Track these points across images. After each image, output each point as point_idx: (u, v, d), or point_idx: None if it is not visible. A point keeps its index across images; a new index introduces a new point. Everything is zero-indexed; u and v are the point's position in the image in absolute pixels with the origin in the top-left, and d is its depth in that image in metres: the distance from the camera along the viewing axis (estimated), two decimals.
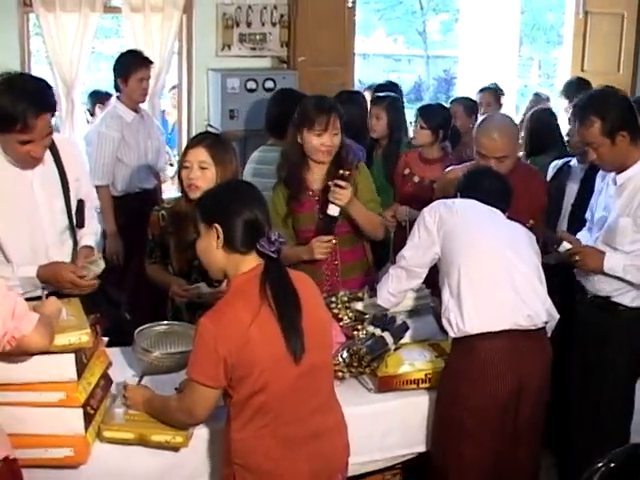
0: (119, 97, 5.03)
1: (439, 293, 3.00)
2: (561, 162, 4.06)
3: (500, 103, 6.19)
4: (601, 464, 2.27)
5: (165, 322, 3.12)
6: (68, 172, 3.14)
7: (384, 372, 2.95)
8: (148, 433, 2.51)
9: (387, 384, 2.95)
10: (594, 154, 3.22)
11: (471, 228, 2.96)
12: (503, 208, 3.09)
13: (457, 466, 2.86)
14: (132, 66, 4.95)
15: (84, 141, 5.04)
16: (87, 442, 2.47)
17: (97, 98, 6.06)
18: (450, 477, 2.88)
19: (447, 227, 2.95)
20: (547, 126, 4.78)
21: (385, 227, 3.79)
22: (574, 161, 3.94)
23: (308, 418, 2.42)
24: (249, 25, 6.16)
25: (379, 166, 4.84)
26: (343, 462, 2.55)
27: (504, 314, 2.81)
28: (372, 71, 15.22)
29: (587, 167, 3.80)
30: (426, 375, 2.98)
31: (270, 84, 5.91)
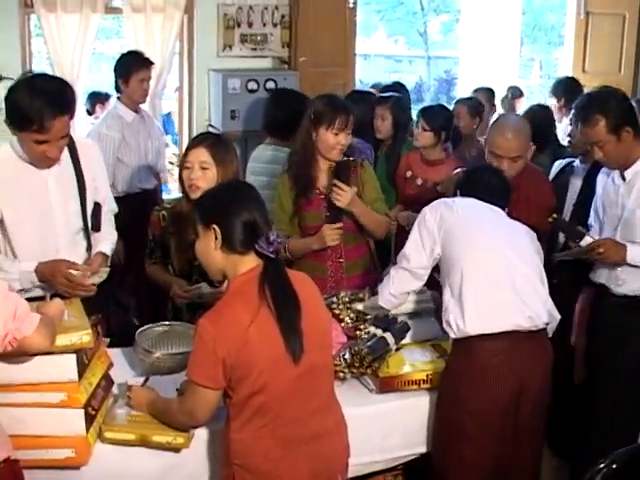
0: (120, 97, 5.03)
1: (438, 288, 2.99)
2: (564, 162, 4.06)
3: (493, 104, 6.18)
4: (603, 465, 2.27)
5: (166, 322, 3.12)
6: (86, 174, 3.12)
7: (385, 373, 2.95)
8: (149, 434, 2.51)
9: (388, 385, 2.94)
10: (600, 153, 3.26)
11: (471, 228, 2.95)
12: (503, 205, 3.09)
13: (457, 468, 2.86)
14: (133, 67, 4.95)
15: None
16: (88, 443, 2.47)
17: (96, 99, 6.07)
18: (450, 479, 2.88)
19: (447, 226, 2.95)
20: (546, 124, 4.75)
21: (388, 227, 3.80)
22: (577, 162, 3.93)
23: (308, 419, 2.41)
24: (250, 25, 6.16)
25: (382, 166, 4.83)
26: (343, 463, 2.55)
27: (505, 315, 2.81)
28: (373, 72, 15.21)
29: (589, 167, 3.79)
30: (427, 376, 2.97)
31: (271, 85, 5.90)
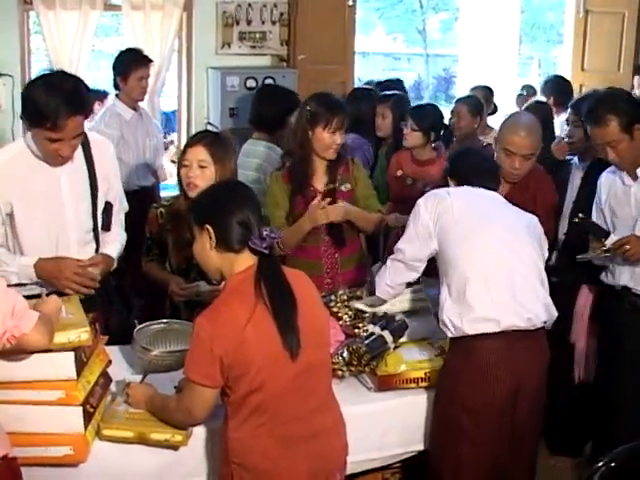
0: (118, 95, 5.03)
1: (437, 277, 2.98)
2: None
3: (491, 102, 6.09)
4: (601, 463, 2.28)
5: (164, 320, 3.11)
6: (98, 172, 3.11)
7: (384, 371, 2.94)
8: (147, 431, 2.51)
9: (387, 383, 2.94)
10: (613, 153, 3.26)
11: (468, 225, 2.89)
12: (494, 187, 3.07)
13: (454, 466, 2.85)
14: (132, 64, 4.95)
15: None
16: (86, 440, 2.47)
17: (94, 96, 6.04)
18: (446, 477, 2.88)
19: (443, 223, 2.90)
20: (544, 121, 4.66)
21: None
22: (575, 159, 3.93)
23: (306, 417, 2.41)
24: (249, 23, 6.16)
25: (383, 164, 4.83)
26: (341, 461, 2.54)
27: (502, 316, 2.78)
28: (372, 69, 15.19)
29: (588, 165, 3.79)
30: (426, 374, 2.97)
31: (270, 82, 5.89)
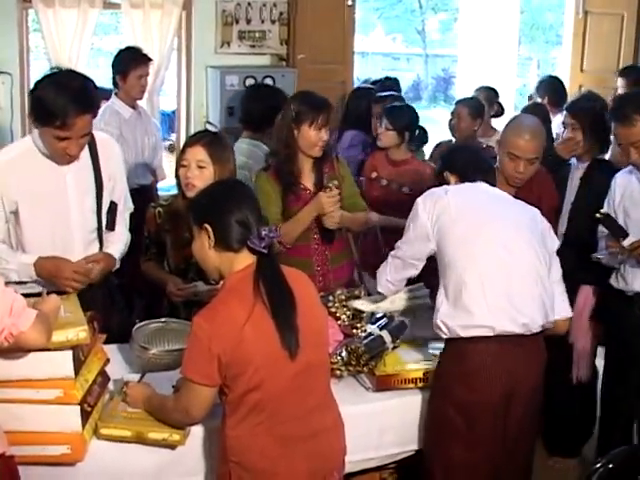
0: (117, 93, 5.02)
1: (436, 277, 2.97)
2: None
3: (496, 103, 6.05)
4: (599, 465, 2.28)
5: (162, 319, 3.11)
6: (104, 172, 3.12)
7: (382, 371, 2.94)
8: (145, 431, 2.50)
9: (385, 383, 2.94)
10: (637, 154, 3.32)
11: (466, 225, 2.86)
12: (492, 182, 3.06)
13: (445, 465, 2.84)
14: (131, 63, 4.95)
15: None
16: (84, 439, 2.46)
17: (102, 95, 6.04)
18: (438, 476, 2.86)
19: (441, 224, 2.88)
20: (543, 123, 4.72)
21: None
22: (573, 160, 3.93)
23: (305, 417, 2.41)
24: (248, 22, 6.16)
25: None
26: (340, 461, 2.54)
27: (497, 322, 2.75)
28: (371, 69, 15.22)
29: (587, 166, 3.79)
30: (424, 374, 2.97)
31: (269, 81, 5.89)
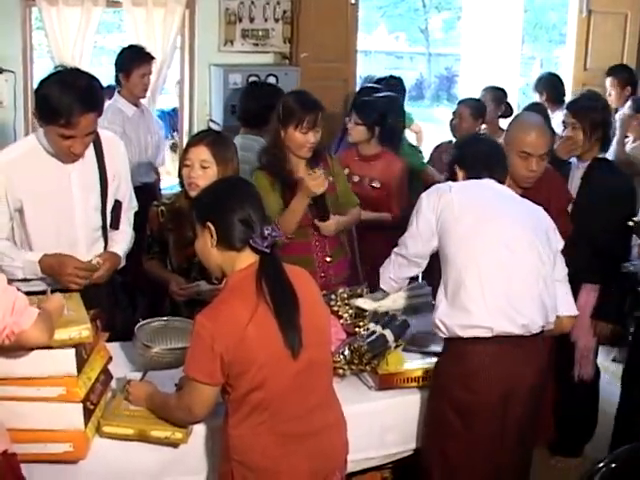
0: (120, 91, 5.02)
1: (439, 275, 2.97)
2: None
3: (504, 103, 6.00)
4: (602, 464, 2.27)
5: (165, 317, 3.11)
6: (108, 170, 3.12)
7: (385, 370, 2.94)
8: (148, 429, 2.51)
9: (387, 382, 2.94)
10: None
11: (469, 223, 2.85)
12: (502, 178, 3.03)
13: (442, 464, 2.84)
14: (134, 61, 4.95)
15: None
16: (87, 437, 2.47)
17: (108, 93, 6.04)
18: (435, 475, 2.86)
19: (443, 219, 2.88)
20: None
21: None
22: (574, 160, 3.93)
23: (307, 415, 2.41)
24: (252, 21, 6.15)
25: None
26: (342, 460, 2.54)
27: (496, 323, 2.75)
28: (374, 68, 15.20)
29: (587, 165, 3.80)
30: (426, 373, 2.96)
31: (272, 80, 5.87)
